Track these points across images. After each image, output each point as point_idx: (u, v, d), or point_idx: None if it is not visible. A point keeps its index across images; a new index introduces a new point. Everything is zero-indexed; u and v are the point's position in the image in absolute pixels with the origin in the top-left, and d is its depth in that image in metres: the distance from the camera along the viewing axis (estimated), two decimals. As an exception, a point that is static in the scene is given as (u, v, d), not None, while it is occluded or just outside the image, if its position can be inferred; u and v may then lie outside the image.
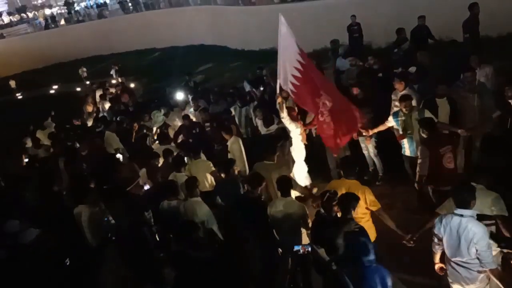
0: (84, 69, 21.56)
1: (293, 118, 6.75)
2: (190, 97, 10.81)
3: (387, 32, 12.71)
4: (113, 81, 17.23)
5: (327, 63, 11.84)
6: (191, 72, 15.24)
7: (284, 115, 6.64)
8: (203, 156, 6.86)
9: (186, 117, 9.07)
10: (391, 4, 12.94)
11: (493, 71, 6.92)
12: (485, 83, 6.55)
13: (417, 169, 5.42)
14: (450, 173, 5.24)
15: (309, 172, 7.03)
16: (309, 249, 3.85)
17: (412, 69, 7.52)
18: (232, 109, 9.08)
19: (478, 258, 3.67)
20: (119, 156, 7.58)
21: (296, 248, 3.90)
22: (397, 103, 6.59)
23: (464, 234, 3.67)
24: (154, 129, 9.64)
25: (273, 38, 17.99)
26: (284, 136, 6.57)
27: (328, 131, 6.22)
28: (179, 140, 8.43)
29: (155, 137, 8.89)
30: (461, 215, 3.73)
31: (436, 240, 4.01)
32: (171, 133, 9.05)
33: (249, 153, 6.95)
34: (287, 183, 4.97)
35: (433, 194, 5.46)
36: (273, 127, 7.33)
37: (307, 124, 7.22)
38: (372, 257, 3.49)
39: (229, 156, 6.80)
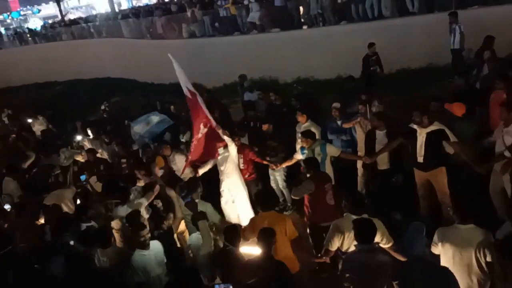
0: None
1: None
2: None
3: (292, 68, 13.47)
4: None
5: (237, 97, 12.11)
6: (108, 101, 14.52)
7: (228, 139, 6.61)
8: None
9: (90, 151, 8.59)
10: (295, 42, 13.74)
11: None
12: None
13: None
14: (331, 209, 5.36)
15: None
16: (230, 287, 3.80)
17: (337, 104, 7.59)
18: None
19: None
20: (7, 207, 6.81)
21: (216, 286, 3.87)
22: (300, 135, 6.93)
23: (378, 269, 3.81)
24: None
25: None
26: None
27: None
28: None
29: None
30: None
31: None
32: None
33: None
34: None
35: (311, 230, 5.57)
36: None
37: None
38: None
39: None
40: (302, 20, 14.44)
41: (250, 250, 4.40)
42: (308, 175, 5.54)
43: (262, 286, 3.83)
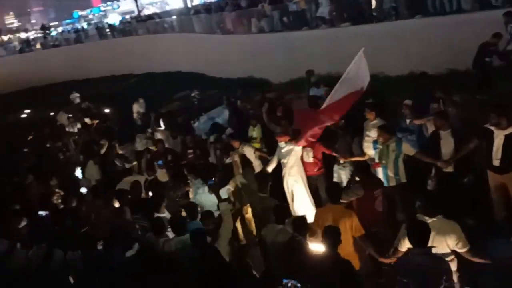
0: (77, 94, 20.01)
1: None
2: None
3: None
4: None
5: (303, 92, 12.05)
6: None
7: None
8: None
9: (159, 142, 8.98)
10: (365, 37, 13.38)
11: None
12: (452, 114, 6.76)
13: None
14: (379, 216, 5.33)
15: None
16: (298, 285, 3.81)
17: (408, 101, 7.49)
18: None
19: None
20: (83, 190, 7.30)
21: (284, 281, 3.84)
22: (367, 132, 6.79)
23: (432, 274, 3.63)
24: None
25: (250, 67, 18.36)
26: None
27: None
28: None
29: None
30: None
31: None
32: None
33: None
34: (283, 211, 5.00)
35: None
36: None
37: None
38: None
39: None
40: (374, 14, 13.99)
41: (315, 246, 4.39)
42: (357, 179, 5.46)
43: (328, 284, 3.81)
